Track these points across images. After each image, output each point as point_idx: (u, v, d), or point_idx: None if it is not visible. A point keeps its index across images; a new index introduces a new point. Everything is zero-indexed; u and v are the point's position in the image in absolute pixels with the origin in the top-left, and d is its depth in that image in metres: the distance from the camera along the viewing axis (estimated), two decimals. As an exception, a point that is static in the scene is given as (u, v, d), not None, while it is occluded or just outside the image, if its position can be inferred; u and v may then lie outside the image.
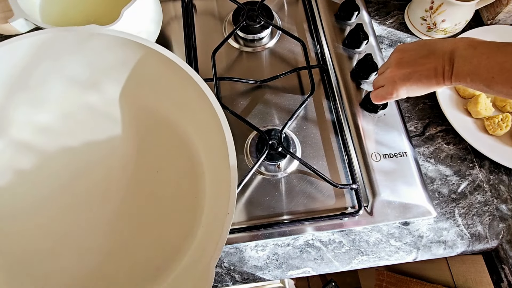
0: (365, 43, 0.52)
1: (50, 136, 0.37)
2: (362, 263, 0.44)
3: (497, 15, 0.55)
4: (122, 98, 0.39)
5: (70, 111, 0.38)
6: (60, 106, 0.38)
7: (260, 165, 0.45)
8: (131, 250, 0.33)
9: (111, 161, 0.36)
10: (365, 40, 0.51)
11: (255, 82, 0.51)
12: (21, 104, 0.36)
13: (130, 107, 0.39)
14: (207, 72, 0.52)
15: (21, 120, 0.36)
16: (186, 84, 0.35)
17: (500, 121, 0.47)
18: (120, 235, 0.33)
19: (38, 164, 0.35)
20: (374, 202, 0.45)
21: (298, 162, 0.44)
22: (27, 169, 0.35)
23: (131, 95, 0.39)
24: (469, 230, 0.46)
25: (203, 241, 0.32)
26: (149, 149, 0.38)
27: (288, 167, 0.46)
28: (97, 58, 0.36)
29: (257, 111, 0.50)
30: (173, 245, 0.33)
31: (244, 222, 0.43)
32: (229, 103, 0.50)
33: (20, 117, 0.36)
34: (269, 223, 0.42)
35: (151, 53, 0.35)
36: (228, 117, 0.35)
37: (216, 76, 0.49)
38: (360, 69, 0.49)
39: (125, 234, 0.33)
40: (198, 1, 0.59)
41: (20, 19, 0.38)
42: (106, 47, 0.35)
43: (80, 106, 0.39)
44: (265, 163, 0.45)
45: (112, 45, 0.35)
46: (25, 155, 0.35)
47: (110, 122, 0.38)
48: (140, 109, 0.39)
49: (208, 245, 0.30)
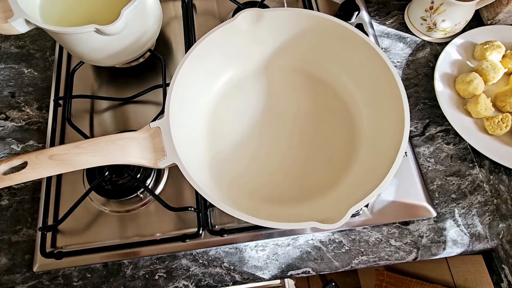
0: (365, 43, 0.52)
1: (248, 87, 0.50)
2: (362, 263, 0.44)
3: (497, 15, 0.55)
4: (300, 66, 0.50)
5: (263, 70, 0.51)
6: (256, 66, 0.50)
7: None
8: (298, 177, 0.45)
9: (291, 110, 0.49)
10: (365, 40, 0.52)
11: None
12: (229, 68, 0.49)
13: (305, 75, 0.50)
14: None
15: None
16: (366, 54, 0.42)
17: (500, 121, 0.47)
18: (295, 162, 0.46)
19: (243, 111, 0.48)
20: (374, 202, 0.45)
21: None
22: (238, 112, 0.48)
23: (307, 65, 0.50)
24: (469, 230, 0.46)
25: (349, 190, 0.41)
26: (318, 110, 0.48)
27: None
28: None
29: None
30: (325, 184, 0.44)
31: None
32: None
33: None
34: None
35: (330, 25, 0.44)
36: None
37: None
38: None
39: (298, 163, 0.45)
40: (198, 1, 0.59)
41: (20, 19, 0.38)
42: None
43: (267, 68, 0.51)
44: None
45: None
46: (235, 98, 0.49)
47: (291, 83, 0.50)
48: (310, 75, 0.50)
49: (353, 195, 0.37)
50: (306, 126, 0.47)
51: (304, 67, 0.50)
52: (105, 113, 0.51)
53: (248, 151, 0.46)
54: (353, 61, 0.45)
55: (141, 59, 0.53)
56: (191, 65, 0.41)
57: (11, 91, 0.53)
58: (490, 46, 0.51)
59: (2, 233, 0.45)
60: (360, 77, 0.46)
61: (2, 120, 0.51)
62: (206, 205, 0.44)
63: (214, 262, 0.44)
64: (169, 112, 0.38)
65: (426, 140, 0.50)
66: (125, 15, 0.38)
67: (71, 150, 0.36)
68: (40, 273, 0.43)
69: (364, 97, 0.46)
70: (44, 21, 0.43)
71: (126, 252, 0.43)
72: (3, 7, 0.39)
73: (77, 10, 0.45)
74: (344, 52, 0.45)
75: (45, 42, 0.56)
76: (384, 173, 0.35)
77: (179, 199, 0.45)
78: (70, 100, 0.48)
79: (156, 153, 0.38)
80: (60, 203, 0.45)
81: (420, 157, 0.49)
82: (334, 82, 0.49)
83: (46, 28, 0.38)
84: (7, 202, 0.46)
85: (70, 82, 0.49)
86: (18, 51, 0.56)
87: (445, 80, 0.51)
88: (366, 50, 0.42)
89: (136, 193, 0.44)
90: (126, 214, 0.45)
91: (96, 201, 0.45)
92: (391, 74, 0.40)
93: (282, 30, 0.46)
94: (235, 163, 0.45)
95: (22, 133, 0.50)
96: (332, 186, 0.43)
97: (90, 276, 0.43)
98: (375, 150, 0.42)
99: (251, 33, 0.44)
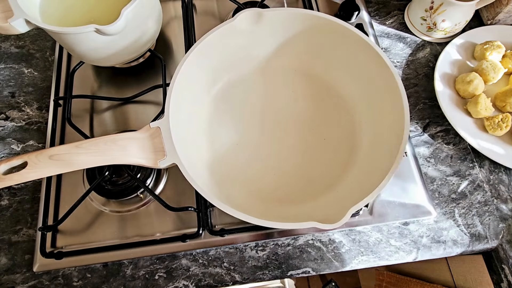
0: (365, 43, 0.52)
1: (248, 87, 0.50)
2: (362, 263, 0.44)
3: (497, 15, 0.55)
4: (299, 66, 0.50)
5: (263, 70, 0.51)
6: (256, 66, 0.50)
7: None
8: (298, 177, 0.45)
9: (291, 110, 0.49)
10: (365, 40, 0.52)
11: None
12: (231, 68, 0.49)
13: (305, 75, 0.50)
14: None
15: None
16: (366, 54, 0.42)
17: (500, 121, 0.47)
18: (295, 162, 0.46)
19: (243, 111, 0.49)
20: (374, 202, 0.45)
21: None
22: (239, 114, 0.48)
23: (305, 65, 0.50)
24: (469, 230, 0.46)
25: (349, 189, 0.42)
26: (318, 110, 0.48)
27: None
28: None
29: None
30: (325, 184, 0.44)
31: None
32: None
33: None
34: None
35: (328, 24, 0.44)
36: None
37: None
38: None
39: (298, 162, 0.46)
40: (198, 1, 0.59)
41: (20, 19, 0.38)
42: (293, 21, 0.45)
43: (267, 68, 0.51)
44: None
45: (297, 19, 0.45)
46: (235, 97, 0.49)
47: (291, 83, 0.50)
48: (311, 76, 0.50)
49: (353, 195, 0.37)
50: (306, 126, 0.47)
51: (304, 67, 0.50)
52: (105, 113, 0.51)
53: (248, 151, 0.46)
54: (353, 61, 0.45)
55: (141, 59, 0.53)
56: (191, 65, 0.41)
57: (11, 91, 0.53)
58: (490, 46, 0.51)
59: (2, 233, 0.45)
60: (360, 77, 0.46)
61: (2, 120, 0.51)
62: (206, 205, 0.44)
63: (214, 262, 0.44)
64: (169, 112, 0.38)
65: (426, 140, 0.50)
66: (125, 15, 0.38)
67: (71, 150, 0.36)
68: (40, 273, 0.43)
69: (364, 97, 0.46)
70: (44, 21, 0.43)
71: (126, 252, 0.43)
72: (3, 7, 0.39)
73: (77, 10, 0.45)
74: (344, 52, 0.45)
75: (45, 42, 0.56)
76: (384, 173, 0.35)
77: (179, 199, 0.45)
78: (70, 100, 0.48)
79: (156, 153, 0.38)
80: (60, 203, 0.45)
81: (420, 157, 0.49)
82: (334, 82, 0.49)
83: (46, 28, 0.38)
84: (7, 202, 0.46)
85: (70, 82, 0.49)
86: (18, 51, 0.56)
87: (445, 80, 0.51)
88: (366, 50, 0.42)
89: (136, 193, 0.44)
90: (126, 214, 0.45)
91: (96, 201, 0.45)
92: (391, 74, 0.40)
93: (282, 30, 0.46)
94: (235, 163, 0.45)
95: (22, 133, 0.50)
96: (332, 186, 0.43)
97: (90, 276, 0.43)
98: (375, 150, 0.42)
99: (251, 33, 0.44)
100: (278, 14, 0.43)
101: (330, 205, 0.40)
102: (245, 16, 0.42)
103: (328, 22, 0.43)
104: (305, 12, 0.43)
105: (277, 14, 0.43)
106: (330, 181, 0.44)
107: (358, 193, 0.36)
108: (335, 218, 0.33)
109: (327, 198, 0.42)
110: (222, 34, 0.42)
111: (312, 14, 0.43)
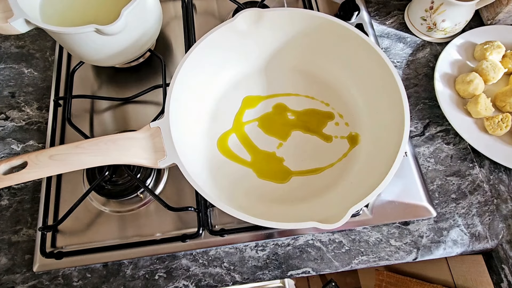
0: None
1: (248, 87, 0.50)
2: (362, 263, 0.44)
3: (497, 15, 0.55)
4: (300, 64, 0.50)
5: (263, 69, 0.51)
6: (256, 66, 0.50)
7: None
8: (298, 177, 0.45)
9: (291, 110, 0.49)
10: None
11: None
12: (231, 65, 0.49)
13: (305, 75, 0.50)
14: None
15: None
16: (366, 54, 0.42)
17: (500, 121, 0.47)
18: (294, 164, 0.46)
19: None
20: (374, 202, 0.45)
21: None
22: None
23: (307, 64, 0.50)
24: (469, 230, 0.46)
25: (349, 189, 0.42)
26: (318, 108, 0.48)
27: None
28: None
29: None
30: (325, 184, 0.44)
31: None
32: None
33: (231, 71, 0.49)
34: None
35: (330, 25, 0.44)
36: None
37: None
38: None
39: (297, 165, 0.45)
40: (198, 1, 0.59)
41: (20, 19, 0.38)
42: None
43: (267, 68, 0.51)
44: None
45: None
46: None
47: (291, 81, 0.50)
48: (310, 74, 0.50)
49: (353, 195, 0.37)
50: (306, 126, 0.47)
51: (304, 67, 0.50)
52: (105, 113, 0.51)
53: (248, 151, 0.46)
54: (353, 61, 0.45)
55: (141, 59, 0.53)
56: (191, 65, 0.41)
57: (11, 91, 0.53)
58: (490, 46, 0.51)
59: (2, 233, 0.45)
60: (360, 77, 0.46)
61: (2, 120, 0.51)
62: (206, 205, 0.44)
63: (214, 262, 0.44)
64: (169, 112, 0.38)
65: (426, 140, 0.50)
66: (125, 15, 0.38)
67: (71, 150, 0.36)
68: (40, 273, 0.43)
69: (364, 97, 0.46)
70: (44, 21, 0.43)
71: (126, 252, 0.43)
72: (3, 7, 0.38)
73: (77, 10, 0.45)
74: (344, 52, 0.45)
75: (45, 42, 0.56)
76: (384, 173, 0.35)
77: (179, 199, 0.45)
78: (70, 100, 0.48)
79: (156, 153, 0.38)
80: (60, 203, 0.45)
81: (420, 157, 0.49)
82: (334, 82, 0.49)
83: (46, 28, 0.38)
84: (7, 202, 0.46)
85: (70, 82, 0.49)
86: (18, 51, 0.56)
87: (445, 80, 0.51)
88: (366, 50, 0.42)
89: (136, 193, 0.44)
90: (126, 214, 0.45)
91: (96, 201, 0.45)
92: (391, 74, 0.40)
93: (282, 30, 0.46)
94: (235, 163, 0.45)
95: (22, 133, 0.50)
96: (332, 186, 0.43)
97: (90, 276, 0.43)
98: (375, 150, 0.42)
99: (251, 33, 0.44)
100: (278, 14, 0.43)
101: (330, 205, 0.40)
102: (245, 16, 0.42)
103: (328, 22, 0.43)
104: (305, 12, 0.43)
105: (277, 14, 0.43)
106: (330, 181, 0.44)
107: (358, 193, 0.36)
108: (335, 218, 0.33)
109: (327, 198, 0.42)
110: (222, 34, 0.42)
111: (312, 14, 0.43)
